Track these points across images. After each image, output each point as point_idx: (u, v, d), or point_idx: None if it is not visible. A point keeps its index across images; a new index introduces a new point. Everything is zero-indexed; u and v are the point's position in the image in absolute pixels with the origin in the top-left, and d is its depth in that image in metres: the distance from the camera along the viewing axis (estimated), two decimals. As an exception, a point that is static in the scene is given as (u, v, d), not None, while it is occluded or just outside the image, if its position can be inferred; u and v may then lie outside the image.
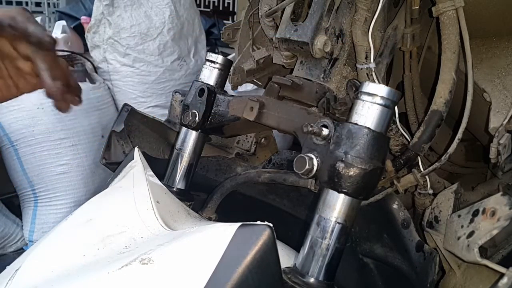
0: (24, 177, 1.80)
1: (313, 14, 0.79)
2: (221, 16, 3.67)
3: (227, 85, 0.98)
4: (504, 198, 0.64)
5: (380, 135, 0.63)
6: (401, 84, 0.97)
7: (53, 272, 0.61)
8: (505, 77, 0.85)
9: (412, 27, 0.87)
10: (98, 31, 2.05)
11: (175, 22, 2.14)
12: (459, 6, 0.76)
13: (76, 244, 0.65)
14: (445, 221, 0.76)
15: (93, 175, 1.90)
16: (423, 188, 0.86)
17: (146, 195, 0.72)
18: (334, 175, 0.63)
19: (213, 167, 1.12)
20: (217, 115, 0.90)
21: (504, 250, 0.72)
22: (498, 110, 0.82)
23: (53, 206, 1.84)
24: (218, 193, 0.95)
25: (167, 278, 0.53)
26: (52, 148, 1.79)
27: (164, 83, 2.14)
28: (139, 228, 0.67)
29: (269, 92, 0.85)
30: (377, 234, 0.88)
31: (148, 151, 1.06)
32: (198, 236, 0.58)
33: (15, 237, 1.83)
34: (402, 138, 0.85)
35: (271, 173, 0.87)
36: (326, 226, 0.64)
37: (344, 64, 0.83)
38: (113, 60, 2.07)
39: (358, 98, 0.65)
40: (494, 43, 0.89)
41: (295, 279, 0.64)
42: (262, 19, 0.97)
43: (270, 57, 1.04)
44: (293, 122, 0.76)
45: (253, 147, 1.13)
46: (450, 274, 0.76)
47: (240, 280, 0.49)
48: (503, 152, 0.79)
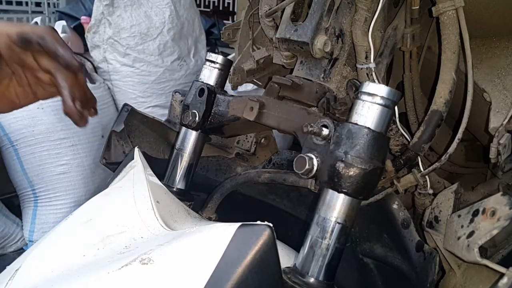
0: (24, 177, 1.80)
1: (313, 14, 0.79)
2: (221, 16, 3.67)
3: (227, 85, 0.98)
4: (504, 198, 0.64)
5: (380, 135, 0.63)
6: (401, 84, 0.97)
7: (53, 272, 0.61)
8: (505, 77, 0.85)
9: (412, 27, 0.87)
10: (98, 31, 2.05)
11: (175, 22, 2.14)
12: (459, 6, 0.76)
13: (76, 244, 0.65)
14: (445, 221, 0.76)
15: (93, 175, 1.90)
16: (423, 188, 0.86)
17: (146, 195, 0.72)
18: (334, 175, 0.63)
19: (213, 167, 1.12)
20: (217, 115, 0.90)
21: (504, 250, 0.72)
22: (498, 110, 0.82)
23: (53, 206, 1.84)
24: (218, 193, 0.95)
25: (167, 278, 0.53)
26: (52, 148, 1.79)
27: (164, 83, 2.14)
28: (139, 228, 0.67)
29: (269, 92, 0.85)
30: (377, 234, 0.88)
31: (148, 151, 1.06)
32: (198, 236, 0.58)
33: (15, 237, 1.83)
34: (402, 138, 0.85)
35: (271, 173, 0.87)
36: (326, 226, 0.64)
37: (344, 64, 0.83)
38: (113, 60, 2.07)
39: (358, 98, 0.65)
40: (494, 43, 0.89)
41: (295, 279, 0.64)
42: (262, 19, 0.97)
43: (270, 57, 1.04)
44: (293, 122, 0.76)
45: (253, 147, 1.13)
46: (450, 274, 0.76)
47: (240, 280, 0.49)
48: (503, 152, 0.79)
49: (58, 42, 0.65)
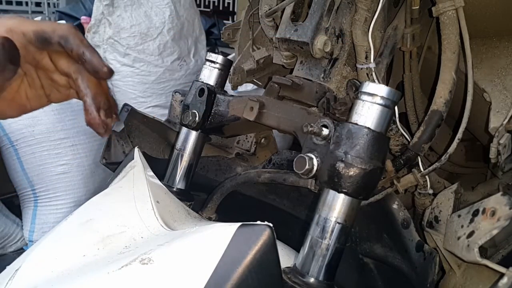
0: (24, 177, 1.80)
1: (313, 14, 0.79)
2: (221, 16, 3.67)
3: (227, 85, 0.98)
4: (504, 198, 0.64)
5: (380, 135, 0.63)
6: (401, 84, 0.97)
7: (53, 272, 0.61)
8: (505, 77, 0.85)
9: (412, 27, 0.87)
10: (98, 31, 2.05)
11: (175, 22, 2.14)
12: (459, 6, 0.76)
13: (76, 244, 0.65)
14: (445, 221, 0.76)
15: (93, 175, 1.90)
16: (423, 188, 0.86)
17: (146, 195, 0.72)
18: (334, 175, 0.63)
19: (213, 167, 1.12)
20: (217, 115, 0.90)
21: (504, 250, 0.72)
22: (498, 110, 0.82)
23: (53, 206, 1.84)
24: (218, 193, 0.94)
25: (167, 278, 0.53)
26: (52, 148, 1.79)
27: (164, 83, 2.14)
28: (139, 228, 0.67)
29: (269, 92, 0.85)
30: (377, 234, 0.88)
31: (148, 151, 1.06)
32: (198, 236, 0.58)
33: (15, 237, 1.83)
34: (402, 138, 0.85)
35: (271, 173, 0.86)
36: (326, 226, 0.64)
37: (344, 64, 0.83)
38: (113, 60, 2.07)
39: (358, 98, 0.65)
40: (494, 43, 0.89)
41: (295, 279, 0.64)
42: (262, 19, 0.97)
43: (270, 57, 1.04)
44: (293, 122, 0.76)
45: (253, 147, 1.13)
46: (450, 274, 0.76)
47: (240, 280, 0.49)
48: (503, 152, 0.79)
49: (84, 44, 0.57)
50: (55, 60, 0.60)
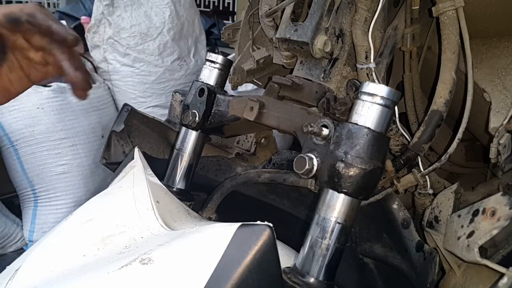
0: (24, 177, 1.80)
1: (313, 14, 0.79)
2: (221, 16, 3.67)
3: (227, 85, 0.98)
4: (504, 198, 0.64)
5: (380, 135, 0.63)
6: (401, 84, 0.97)
7: (53, 272, 0.61)
8: (505, 77, 0.85)
9: (412, 27, 0.87)
10: (98, 31, 2.05)
11: (175, 22, 2.14)
12: (459, 6, 0.76)
13: (76, 244, 0.65)
14: (445, 221, 0.76)
15: (93, 175, 1.90)
16: (423, 188, 0.86)
17: (146, 195, 0.72)
18: (334, 175, 0.63)
19: (213, 167, 1.12)
20: (217, 115, 0.90)
21: (504, 250, 0.72)
22: (498, 110, 0.82)
23: (53, 206, 1.84)
24: (218, 193, 0.95)
25: (167, 278, 0.53)
26: (52, 148, 1.79)
27: (164, 83, 2.14)
28: (139, 228, 0.67)
29: (269, 92, 0.85)
30: (377, 234, 0.88)
31: (148, 151, 1.06)
32: (198, 236, 0.58)
33: (15, 237, 1.83)
34: (402, 138, 0.85)
35: (271, 173, 0.87)
36: (326, 226, 0.64)
37: (344, 64, 0.83)
38: (113, 60, 2.07)
39: (358, 98, 0.65)
40: (494, 43, 0.89)
41: (295, 279, 0.64)
42: (262, 19, 0.97)
43: (270, 57, 1.04)
44: (293, 122, 0.76)
45: (253, 147, 1.13)
46: (450, 274, 0.76)
47: (240, 280, 0.49)
48: (503, 152, 0.79)
49: (50, 18, 0.62)
50: (28, 38, 0.63)
